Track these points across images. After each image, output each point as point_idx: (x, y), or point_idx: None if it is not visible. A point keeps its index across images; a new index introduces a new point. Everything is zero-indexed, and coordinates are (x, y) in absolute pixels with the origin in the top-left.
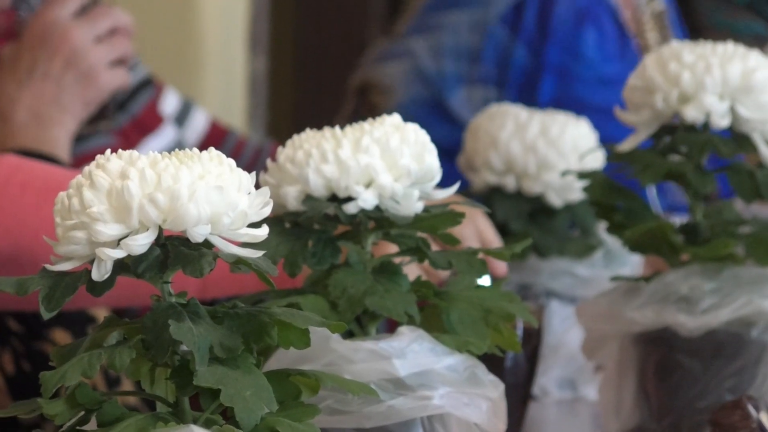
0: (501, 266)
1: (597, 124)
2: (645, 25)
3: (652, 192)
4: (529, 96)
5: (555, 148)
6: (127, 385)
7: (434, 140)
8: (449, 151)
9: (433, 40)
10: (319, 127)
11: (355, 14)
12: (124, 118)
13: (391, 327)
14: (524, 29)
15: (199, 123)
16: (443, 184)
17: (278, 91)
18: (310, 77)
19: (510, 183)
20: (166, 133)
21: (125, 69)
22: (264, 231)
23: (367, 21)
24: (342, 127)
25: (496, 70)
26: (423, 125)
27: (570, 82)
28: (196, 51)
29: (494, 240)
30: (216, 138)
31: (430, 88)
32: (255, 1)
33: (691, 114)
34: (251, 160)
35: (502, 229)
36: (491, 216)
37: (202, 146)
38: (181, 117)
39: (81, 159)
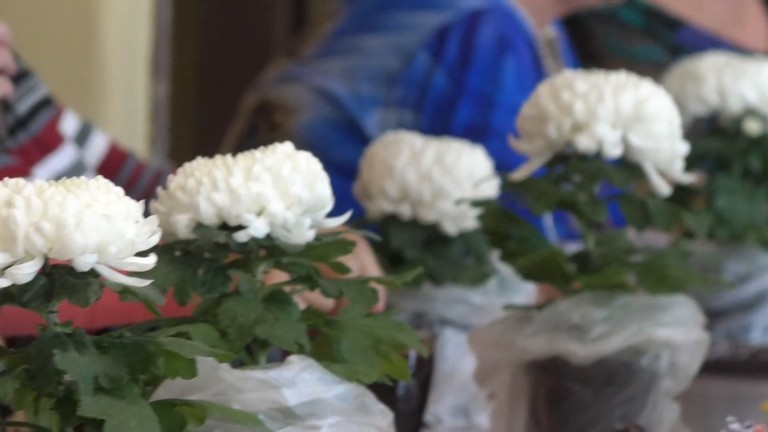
0: (383, 298)
1: (507, 150)
2: (544, 57)
3: (548, 220)
4: (445, 121)
5: (450, 176)
6: (20, 415)
7: (346, 160)
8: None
9: (347, 62)
10: (223, 152)
11: (257, 40)
12: (24, 137)
13: (284, 355)
14: (446, 56)
15: (98, 145)
16: (348, 204)
17: (180, 117)
18: (212, 102)
19: (405, 211)
20: (67, 152)
21: (5, 79)
22: (151, 260)
23: (269, 48)
24: (234, 147)
25: (414, 93)
26: (333, 145)
27: (487, 108)
28: (98, 76)
29: (375, 271)
30: (116, 161)
31: (341, 109)
32: (157, 26)
33: (584, 143)
34: (150, 183)
35: (397, 257)
36: (386, 243)
37: (102, 168)
38: (81, 138)
39: None
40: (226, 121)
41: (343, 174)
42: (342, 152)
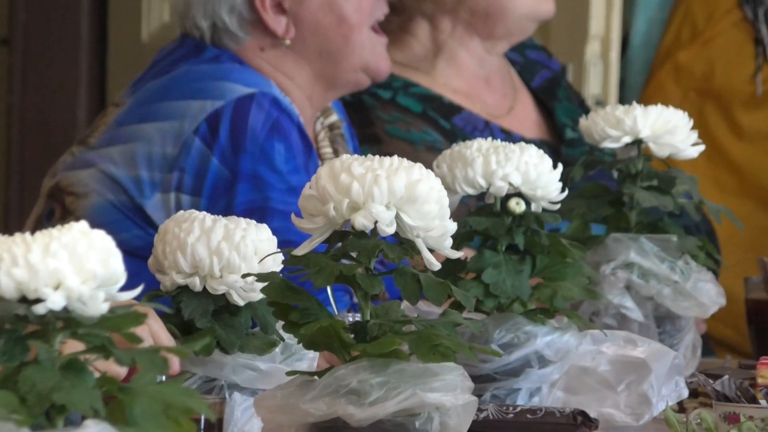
0: (175, 365)
1: (287, 228)
2: (320, 141)
3: (329, 292)
4: (226, 204)
5: (237, 251)
6: None
7: (129, 242)
8: (142, 253)
9: (128, 149)
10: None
11: (62, 122)
12: None
13: (82, 419)
14: (219, 141)
15: None
16: (138, 282)
17: None
18: (17, 184)
19: (196, 283)
20: None
21: None
22: None
23: (73, 131)
24: (33, 228)
25: (192, 180)
26: (119, 228)
27: (263, 190)
28: None
29: (165, 340)
30: None
31: (125, 193)
32: None
33: (361, 222)
34: None
35: (190, 326)
36: (179, 313)
37: None
38: None
39: None
40: (30, 200)
41: (131, 254)
42: (128, 234)
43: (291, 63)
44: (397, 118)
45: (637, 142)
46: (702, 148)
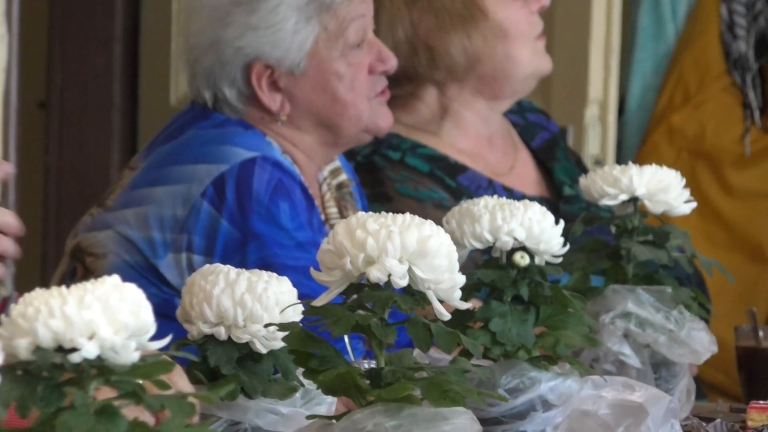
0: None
1: (298, 282)
2: (326, 201)
3: (346, 341)
4: (239, 262)
5: (260, 303)
6: None
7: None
8: (159, 311)
9: (141, 211)
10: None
11: (96, 181)
12: None
13: None
14: (226, 204)
15: None
16: (156, 336)
17: (27, 250)
18: (55, 238)
19: (221, 332)
20: None
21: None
22: None
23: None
24: (58, 285)
25: (203, 241)
26: (135, 285)
27: (272, 247)
28: None
29: (185, 388)
30: None
31: (140, 254)
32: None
33: (375, 275)
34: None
35: (215, 372)
36: (205, 361)
37: None
38: None
39: None
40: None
41: None
42: (144, 292)
43: (290, 132)
44: (406, 177)
45: (633, 200)
46: (694, 205)
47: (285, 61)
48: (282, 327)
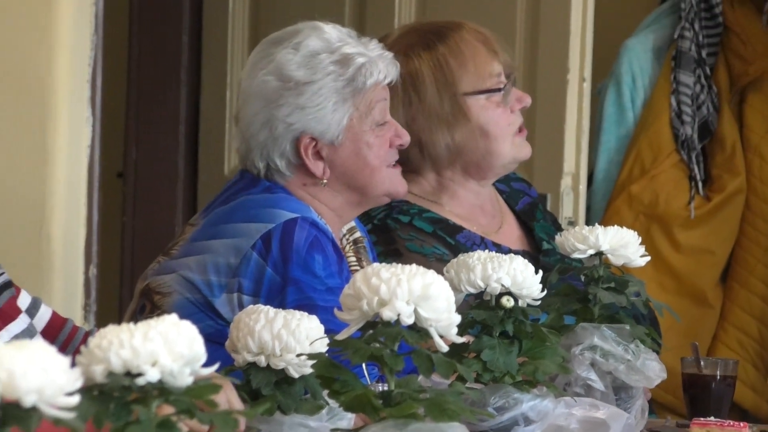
0: (242, 425)
1: (327, 320)
2: (347, 252)
3: (363, 368)
4: (279, 303)
5: (293, 336)
6: None
7: (203, 330)
8: (214, 339)
9: (201, 259)
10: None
11: (164, 236)
12: None
13: None
14: (271, 256)
15: (45, 314)
16: (211, 361)
17: (105, 292)
18: (130, 282)
19: (261, 360)
20: (22, 321)
21: None
22: (75, 399)
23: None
24: (129, 321)
25: (252, 285)
26: (195, 319)
27: (307, 291)
28: (46, 262)
29: (237, 404)
30: (57, 325)
31: (199, 293)
32: (88, 227)
33: (387, 314)
34: (81, 342)
35: (256, 393)
36: (248, 383)
37: (46, 330)
38: (32, 310)
39: None
40: None
41: (205, 339)
42: (202, 324)
43: (326, 194)
44: (413, 236)
45: (599, 254)
46: (648, 258)
47: (327, 134)
48: (311, 356)
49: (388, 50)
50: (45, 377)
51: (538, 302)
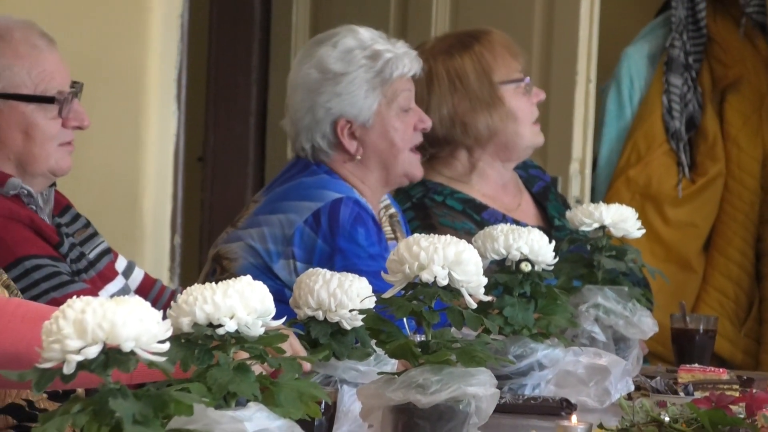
0: (307, 366)
1: (372, 282)
2: (384, 225)
3: (404, 321)
4: (329, 268)
5: (347, 295)
6: None
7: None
8: (274, 297)
9: (261, 230)
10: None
11: (233, 216)
12: (93, 273)
13: (246, 402)
14: (321, 229)
15: (138, 276)
16: (274, 317)
17: (188, 258)
18: (208, 247)
19: (320, 315)
20: (119, 281)
21: None
22: (166, 346)
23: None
24: (202, 282)
25: (303, 253)
26: (257, 281)
27: (352, 258)
28: (139, 232)
29: (300, 350)
30: (147, 285)
31: (260, 258)
32: (174, 199)
33: (426, 276)
34: (169, 298)
35: (315, 342)
36: (308, 334)
37: (139, 289)
38: (127, 272)
39: (63, 299)
40: None
41: None
42: (264, 284)
43: (363, 171)
44: (446, 213)
45: (602, 227)
46: (643, 231)
47: (360, 117)
48: (361, 311)
49: (428, 52)
50: (141, 327)
51: (551, 267)
